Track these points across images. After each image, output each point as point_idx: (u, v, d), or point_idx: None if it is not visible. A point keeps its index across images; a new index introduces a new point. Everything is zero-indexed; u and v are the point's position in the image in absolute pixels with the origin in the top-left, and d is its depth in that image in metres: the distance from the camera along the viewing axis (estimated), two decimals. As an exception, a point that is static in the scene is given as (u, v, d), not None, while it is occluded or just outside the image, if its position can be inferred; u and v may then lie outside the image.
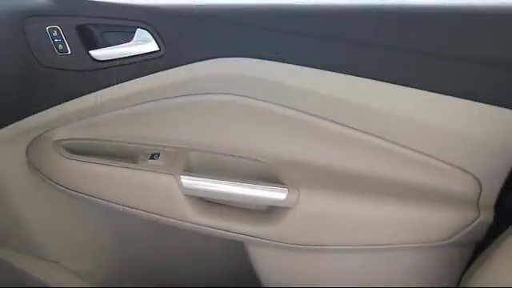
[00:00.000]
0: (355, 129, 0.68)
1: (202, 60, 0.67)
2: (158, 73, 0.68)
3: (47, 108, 0.72)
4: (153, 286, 0.88)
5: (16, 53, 0.68)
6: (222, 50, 0.66)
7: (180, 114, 0.72)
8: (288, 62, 0.65)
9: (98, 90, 0.70)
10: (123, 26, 0.67)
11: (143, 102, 0.71)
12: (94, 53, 0.68)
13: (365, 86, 0.64)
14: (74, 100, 0.71)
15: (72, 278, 0.88)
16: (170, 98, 0.71)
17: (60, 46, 0.68)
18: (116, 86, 0.69)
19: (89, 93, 0.70)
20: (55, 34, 0.68)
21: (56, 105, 0.71)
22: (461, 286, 0.60)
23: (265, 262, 0.78)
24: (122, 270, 0.90)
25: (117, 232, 0.86)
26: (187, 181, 0.70)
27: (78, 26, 0.67)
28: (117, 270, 0.89)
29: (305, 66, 0.65)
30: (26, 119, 0.73)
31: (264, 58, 0.65)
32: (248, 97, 0.69)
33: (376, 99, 0.65)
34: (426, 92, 0.63)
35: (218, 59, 0.66)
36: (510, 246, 0.57)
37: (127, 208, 0.73)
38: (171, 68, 0.68)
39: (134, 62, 0.68)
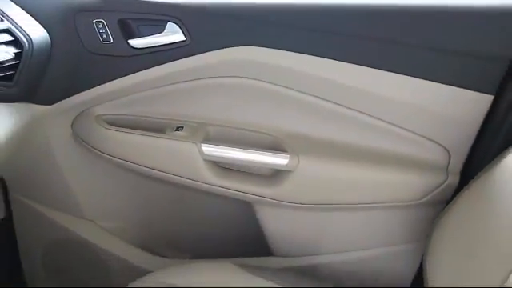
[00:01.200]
0: (345, 106, 0.81)
1: (220, 48, 0.80)
2: (184, 59, 0.81)
3: (91, 88, 0.86)
4: (171, 243, 1.01)
5: (67, 41, 0.82)
6: (237, 40, 0.79)
7: (200, 94, 0.86)
8: (292, 51, 0.79)
9: (133, 73, 0.84)
10: (156, 19, 0.80)
11: (170, 84, 0.85)
12: (132, 42, 0.81)
13: (354, 71, 0.78)
14: (114, 81, 0.84)
15: (105, 235, 1.02)
16: (192, 80, 0.84)
17: (104, 36, 0.82)
18: (149, 70, 0.83)
19: (126, 75, 0.84)
20: (100, 26, 0.81)
21: (99, 85, 0.85)
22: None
23: (269, 220, 0.91)
24: (147, 229, 1.04)
25: (145, 195, 1.00)
26: (206, 148, 0.84)
27: (119, 19, 0.81)
28: (142, 228, 1.03)
29: (306, 54, 0.78)
30: (72, 97, 0.87)
31: (272, 47, 0.78)
32: (258, 80, 0.82)
33: (362, 82, 0.78)
34: (403, 76, 0.76)
35: (234, 48, 0.79)
36: (465, 201, 0.71)
37: (155, 171, 0.88)
38: (194, 55, 0.81)
39: (164, 50, 0.81)
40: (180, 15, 0.79)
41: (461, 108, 0.79)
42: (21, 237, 1.06)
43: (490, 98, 0.77)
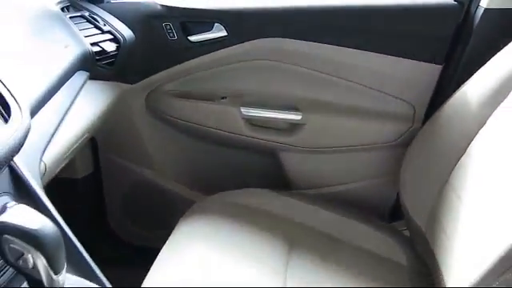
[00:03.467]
0: (339, 77, 1.13)
1: (251, 40, 1.13)
2: (226, 48, 1.14)
3: (161, 71, 1.19)
4: (215, 185, 1.30)
5: (146, 38, 1.14)
6: (262, 34, 1.12)
7: (238, 72, 1.19)
8: (304, 40, 1.11)
9: (191, 59, 1.17)
10: (207, 22, 1.13)
11: (217, 66, 1.18)
12: (191, 37, 1.15)
13: (346, 53, 1.10)
14: (178, 65, 1.18)
15: (170, 180, 1.34)
16: (233, 63, 1.16)
17: (171, 34, 1.15)
18: (202, 57, 1.16)
19: (186, 61, 1.17)
20: (168, 27, 1.14)
21: (167, 69, 1.18)
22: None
23: (288, 161, 1.24)
24: (198, 175, 1.36)
25: (198, 151, 1.33)
26: (243, 110, 1.18)
27: (180, 22, 1.14)
28: (195, 174, 1.36)
29: (314, 42, 1.11)
30: (148, 78, 1.20)
31: (290, 38, 1.11)
32: (280, 61, 1.15)
33: (351, 59, 1.11)
34: (378, 54, 1.09)
35: (261, 39, 1.12)
36: (421, 140, 1.02)
37: (207, 128, 1.21)
38: (233, 45, 1.14)
39: (213, 42, 1.14)
40: (223, 18, 1.12)
41: (419, 75, 1.11)
42: (106, 186, 1.39)
43: (439, 67, 1.09)
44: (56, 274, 0.51)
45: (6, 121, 0.60)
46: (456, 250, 0.80)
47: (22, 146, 0.60)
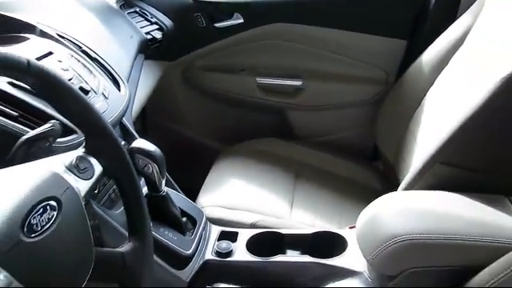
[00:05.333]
0: (329, 50, 1.46)
1: (262, 25, 1.45)
2: (243, 32, 1.47)
3: (194, 50, 1.52)
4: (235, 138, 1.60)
5: (181, 26, 1.47)
6: (271, 20, 1.44)
7: (253, 50, 1.52)
8: (303, 24, 1.44)
9: (217, 41, 1.49)
10: (228, 12, 1.45)
11: (237, 46, 1.50)
12: (216, 24, 1.47)
13: (333, 32, 1.43)
14: (207, 46, 1.51)
15: (200, 134, 1.68)
16: (249, 43, 1.49)
17: (200, 22, 1.47)
18: (225, 39, 1.49)
19: (213, 42, 1.50)
20: (198, 17, 1.47)
21: (198, 49, 1.51)
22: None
23: (293, 117, 1.57)
24: (221, 130, 1.68)
25: (222, 112, 1.66)
26: (258, 79, 1.51)
27: (208, 13, 1.46)
28: (219, 129, 1.68)
29: (310, 25, 1.43)
30: (184, 56, 1.53)
31: (293, 23, 1.44)
32: (285, 40, 1.47)
33: (337, 37, 1.44)
34: (356, 33, 1.42)
35: (271, 24, 1.44)
36: (392, 98, 1.35)
37: (230, 93, 1.54)
38: (248, 30, 1.46)
39: (233, 27, 1.46)
40: (240, 8, 1.45)
41: (390, 48, 1.44)
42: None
43: (404, 42, 1.41)
44: (162, 178, 0.86)
45: (119, 90, 0.94)
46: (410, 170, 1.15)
47: (127, 108, 0.94)
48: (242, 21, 1.46)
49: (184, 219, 0.94)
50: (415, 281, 0.76)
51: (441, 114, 1.10)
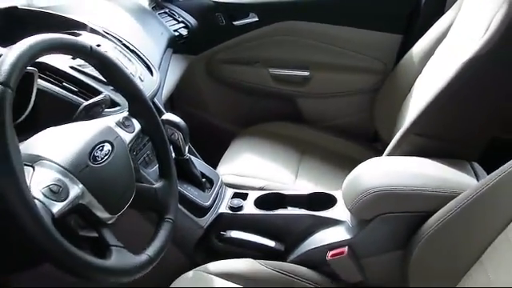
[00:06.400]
0: (331, 44, 1.64)
1: (274, 23, 1.64)
2: (258, 29, 1.66)
3: (215, 46, 1.72)
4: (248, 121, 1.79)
5: (204, 24, 1.67)
6: (282, 18, 1.63)
7: (267, 45, 1.71)
8: (311, 21, 1.62)
9: (236, 37, 1.69)
10: (244, 11, 1.65)
11: (252, 41, 1.70)
12: (234, 22, 1.67)
13: (336, 28, 1.61)
14: (226, 41, 1.71)
15: (217, 116, 1.89)
16: (263, 38, 1.68)
17: (221, 20, 1.67)
18: (243, 35, 1.68)
19: (231, 39, 1.70)
20: (219, 16, 1.67)
21: (218, 44, 1.71)
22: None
23: (302, 103, 1.76)
24: (238, 114, 1.87)
25: (237, 98, 1.85)
26: (271, 70, 1.70)
27: (227, 13, 1.66)
28: (235, 113, 1.87)
29: (317, 22, 1.62)
30: (206, 51, 1.73)
31: (302, 20, 1.62)
32: (298, 36, 1.66)
33: (340, 32, 1.61)
34: (356, 28, 1.59)
35: (283, 22, 1.64)
36: (389, 82, 1.52)
37: (245, 82, 1.74)
38: (262, 27, 1.66)
39: (249, 25, 1.66)
40: (255, 8, 1.64)
41: (387, 42, 1.61)
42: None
43: (400, 36, 1.57)
44: (185, 144, 1.06)
45: (152, 75, 1.15)
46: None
47: (158, 89, 1.15)
48: (256, 19, 1.66)
49: (203, 180, 1.15)
50: (385, 224, 0.95)
51: (423, 97, 1.27)
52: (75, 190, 0.62)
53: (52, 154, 0.63)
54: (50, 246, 0.54)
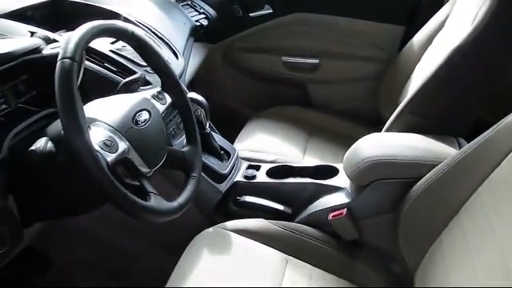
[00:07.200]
0: (340, 35, 1.76)
1: (287, 14, 1.77)
2: (272, 20, 1.79)
3: (233, 35, 1.86)
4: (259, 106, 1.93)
5: (223, 15, 1.81)
6: (295, 10, 1.75)
7: (279, 35, 1.84)
8: (320, 13, 1.75)
9: (252, 27, 1.82)
10: (260, 4, 1.78)
11: (267, 31, 1.83)
12: (250, 14, 1.80)
13: (342, 20, 1.73)
14: (242, 32, 1.84)
15: (229, 98, 2.02)
16: (277, 29, 1.81)
17: (238, 12, 1.81)
18: (260, 25, 1.81)
19: (248, 28, 1.83)
20: (236, 8, 1.81)
21: (235, 34, 1.85)
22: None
23: (312, 89, 1.88)
24: (253, 98, 2.00)
25: (254, 83, 1.98)
26: (284, 58, 1.84)
27: (244, 4, 1.79)
28: (250, 98, 2.01)
29: (324, 14, 1.74)
30: (225, 40, 1.87)
31: (312, 12, 1.75)
32: (308, 27, 1.79)
33: (347, 24, 1.73)
34: (361, 20, 1.71)
35: (294, 14, 1.76)
36: (392, 69, 1.64)
37: (259, 68, 1.88)
38: (276, 18, 1.79)
39: (264, 16, 1.79)
40: (269, 1, 1.77)
41: (390, 32, 1.72)
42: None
43: (403, 27, 1.69)
44: (206, 119, 1.21)
45: (177, 59, 1.29)
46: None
47: (183, 72, 1.29)
48: (271, 11, 1.79)
49: (222, 152, 1.30)
50: (379, 189, 1.08)
51: (419, 81, 1.39)
52: (123, 145, 0.77)
53: (104, 116, 0.78)
54: (106, 186, 0.69)
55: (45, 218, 0.87)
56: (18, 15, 1.16)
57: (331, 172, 1.26)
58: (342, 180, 1.20)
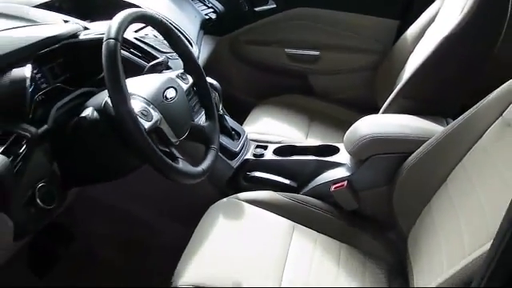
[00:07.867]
0: (338, 29, 1.87)
1: (290, 9, 1.88)
2: (276, 14, 1.90)
3: (239, 28, 1.97)
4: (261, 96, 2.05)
5: (230, 9, 1.92)
6: (297, 5, 1.87)
7: (283, 28, 1.94)
8: (321, 8, 1.86)
9: (257, 21, 1.94)
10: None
11: (270, 25, 1.94)
12: (255, 8, 1.92)
13: (341, 14, 1.85)
14: (247, 25, 1.95)
15: (236, 89, 2.13)
16: (280, 22, 1.92)
17: (244, 7, 1.92)
18: (263, 19, 1.93)
19: (253, 22, 1.95)
20: (243, 4, 1.91)
21: (241, 27, 1.96)
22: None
23: (314, 79, 1.99)
24: (256, 88, 2.09)
25: (257, 74, 2.07)
26: (286, 50, 1.95)
27: (250, 0, 1.90)
28: (254, 87, 2.10)
29: (323, 8, 1.85)
30: (231, 33, 1.98)
31: (314, 7, 1.86)
32: (309, 21, 1.90)
33: (344, 18, 1.85)
34: (359, 14, 1.83)
35: (296, 8, 1.88)
36: (387, 62, 1.76)
37: (264, 61, 1.99)
38: (279, 12, 1.90)
39: (267, 11, 1.90)
40: (274, -4, 1.89)
41: (385, 26, 1.84)
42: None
43: (397, 21, 1.81)
44: (220, 102, 1.32)
45: (192, 47, 1.40)
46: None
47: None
48: (274, 6, 1.91)
49: (233, 132, 1.41)
50: (377, 163, 1.20)
51: (412, 69, 1.51)
52: (156, 115, 0.88)
53: (139, 91, 0.89)
54: (145, 148, 0.81)
55: (84, 182, 0.98)
56: (48, 6, 1.27)
57: (332, 150, 1.37)
58: (342, 157, 1.32)
